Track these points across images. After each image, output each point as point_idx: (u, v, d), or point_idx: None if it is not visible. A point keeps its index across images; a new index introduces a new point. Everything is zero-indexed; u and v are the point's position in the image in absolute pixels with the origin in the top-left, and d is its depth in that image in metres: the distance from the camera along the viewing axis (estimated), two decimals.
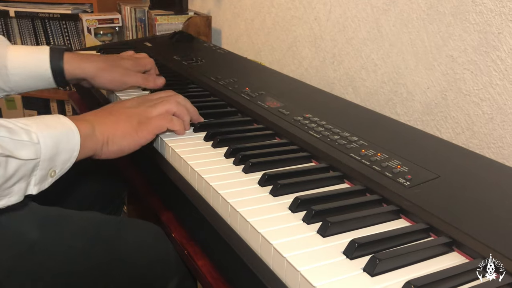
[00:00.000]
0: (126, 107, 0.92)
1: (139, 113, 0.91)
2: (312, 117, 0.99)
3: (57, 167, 0.76)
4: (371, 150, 0.85)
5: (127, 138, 0.87)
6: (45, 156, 0.72)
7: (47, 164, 0.74)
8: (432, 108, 1.21)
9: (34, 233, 0.80)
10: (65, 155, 0.77)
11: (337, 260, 0.59)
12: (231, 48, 2.09)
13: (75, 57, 1.13)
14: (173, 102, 0.94)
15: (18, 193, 0.71)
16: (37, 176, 0.73)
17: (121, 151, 0.88)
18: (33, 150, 0.70)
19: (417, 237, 0.66)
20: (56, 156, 0.75)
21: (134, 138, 0.88)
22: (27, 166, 0.70)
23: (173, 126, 0.93)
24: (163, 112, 0.92)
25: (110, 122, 0.87)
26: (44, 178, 0.75)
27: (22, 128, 0.70)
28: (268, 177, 0.77)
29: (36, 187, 0.74)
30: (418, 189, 0.74)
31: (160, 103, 0.94)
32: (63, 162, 0.77)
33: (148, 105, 0.93)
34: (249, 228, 0.66)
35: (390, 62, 1.32)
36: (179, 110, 0.95)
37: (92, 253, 0.86)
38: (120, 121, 0.88)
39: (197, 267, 0.76)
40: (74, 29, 2.84)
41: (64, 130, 0.76)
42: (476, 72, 1.09)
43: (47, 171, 0.74)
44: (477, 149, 1.11)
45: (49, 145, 0.73)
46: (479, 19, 1.07)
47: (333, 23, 1.51)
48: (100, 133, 0.84)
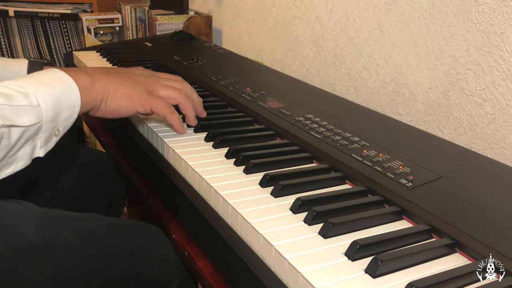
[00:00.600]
0: (134, 73, 0.92)
1: (146, 82, 0.90)
2: (313, 118, 0.99)
3: (60, 126, 0.76)
4: (373, 151, 0.85)
5: (127, 100, 0.86)
6: (47, 118, 0.71)
7: (50, 125, 0.73)
8: (434, 109, 1.21)
9: (33, 234, 0.80)
10: (67, 113, 0.76)
11: (339, 261, 0.59)
12: (232, 48, 2.09)
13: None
14: (182, 93, 0.93)
15: (24, 158, 0.71)
16: (41, 138, 0.72)
17: (117, 111, 0.87)
18: (35, 114, 0.69)
19: (419, 238, 0.66)
20: (58, 116, 0.74)
21: (134, 103, 0.87)
22: (30, 130, 0.69)
23: (172, 120, 0.91)
24: (169, 96, 0.91)
25: (113, 80, 0.85)
26: (49, 138, 0.74)
27: (19, 92, 0.69)
28: (269, 178, 0.77)
29: (42, 149, 0.73)
30: (420, 190, 0.74)
31: (169, 87, 0.92)
32: (65, 120, 0.76)
33: (157, 81, 0.92)
34: (250, 229, 0.66)
35: (392, 62, 1.32)
36: (184, 103, 0.94)
37: (91, 254, 0.86)
38: (124, 82, 0.87)
39: (198, 269, 0.76)
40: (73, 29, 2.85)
41: (62, 87, 0.75)
42: (478, 72, 1.09)
43: (50, 131, 0.74)
44: (480, 149, 1.11)
45: (50, 106, 0.72)
46: (481, 19, 1.07)
47: (334, 22, 1.51)
48: (101, 87, 0.83)
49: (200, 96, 1.18)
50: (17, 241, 0.78)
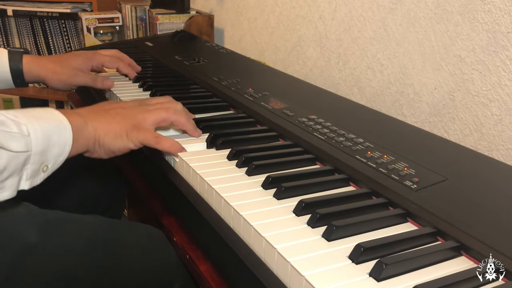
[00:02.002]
0: (122, 107, 0.93)
1: (134, 116, 0.91)
2: (317, 119, 0.99)
3: (49, 162, 0.76)
4: (377, 152, 0.85)
5: (118, 140, 0.87)
6: (36, 149, 0.72)
7: (39, 158, 0.73)
8: (440, 109, 1.21)
9: (33, 236, 0.80)
10: (57, 149, 0.76)
11: (343, 264, 0.59)
12: (234, 47, 2.09)
13: (32, 59, 1.18)
14: (171, 111, 0.93)
15: (11, 188, 0.71)
16: (28, 170, 0.73)
17: (111, 152, 0.88)
18: (24, 142, 0.70)
19: (424, 241, 0.66)
20: (48, 150, 0.75)
21: (124, 142, 0.88)
22: (18, 159, 0.70)
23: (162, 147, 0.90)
24: (158, 120, 0.92)
25: (104, 120, 0.87)
26: (36, 172, 0.75)
27: (12, 120, 0.70)
28: (272, 179, 0.77)
29: (28, 181, 0.74)
30: (425, 192, 0.74)
31: (157, 110, 0.93)
32: (55, 157, 0.77)
33: (145, 109, 0.93)
34: (253, 232, 0.66)
35: (397, 62, 1.32)
36: (177, 120, 0.94)
37: (91, 256, 0.87)
38: (114, 121, 0.88)
39: (199, 272, 0.76)
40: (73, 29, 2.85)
41: (55, 123, 0.76)
42: (484, 73, 1.09)
43: (39, 165, 0.74)
44: (486, 151, 1.11)
45: (40, 138, 0.72)
46: (487, 18, 1.07)
47: (338, 22, 1.51)
48: (93, 129, 0.84)
49: (202, 97, 1.19)
50: (17, 242, 0.79)
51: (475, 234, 0.64)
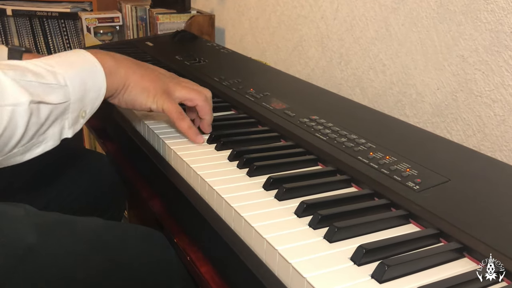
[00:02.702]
0: (157, 70, 0.94)
1: (166, 82, 0.92)
2: (318, 119, 0.99)
3: (87, 107, 0.77)
4: (379, 153, 0.86)
5: (144, 95, 0.88)
6: (74, 98, 0.73)
7: (77, 105, 0.75)
8: (442, 110, 1.21)
9: (32, 238, 0.80)
10: (93, 94, 0.78)
11: (344, 266, 0.59)
12: (235, 47, 2.10)
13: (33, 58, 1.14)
14: (202, 96, 0.94)
15: (53, 137, 0.73)
16: (69, 118, 0.74)
17: (132, 103, 0.89)
18: (62, 93, 0.71)
19: (426, 243, 0.66)
20: (85, 96, 0.76)
21: (149, 99, 0.89)
22: (58, 109, 0.71)
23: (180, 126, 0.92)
24: (186, 97, 0.93)
25: (138, 71, 0.88)
26: (76, 119, 0.76)
27: (48, 71, 0.71)
28: (273, 180, 0.77)
29: (70, 130, 0.75)
30: (427, 193, 0.74)
31: (190, 88, 0.94)
32: (92, 101, 0.78)
33: (178, 82, 0.94)
34: (254, 233, 0.66)
35: (399, 62, 1.32)
36: (203, 106, 0.95)
37: (91, 259, 0.87)
38: (147, 76, 0.89)
39: (200, 274, 0.76)
40: (73, 28, 2.85)
41: (88, 67, 0.77)
42: (487, 73, 1.09)
43: (78, 112, 0.76)
44: (489, 152, 1.11)
45: (77, 86, 0.74)
46: (490, 18, 1.07)
47: (340, 22, 1.51)
48: (124, 74, 0.85)
49: None
50: (15, 245, 0.79)
51: (478, 235, 0.64)
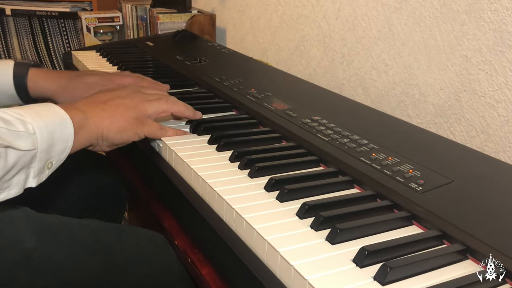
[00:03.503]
0: (120, 97, 0.93)
1: (135, 106, 0.92)
2: (320, 120, 0.99)
3: (54, 158, 0.78)
4: (382, 154, 0.86)
5: (122, 133, 0.89)
6: (42, 147, 0.74)
7: (44, 155, 0.75)
8: (446, 110, 1.21)
9: (31, 241, 0.80)
10: (60, 146, 0.78)
11: (347, 268, 0.59)
12: (236, 47, 2.10)
13: (39, 74, 1.13)
14: (170, 102, 0.96)
15: (18, 185, 0.73)
16: (35, 168, 0.74)
17: (115, 145, 0.91)
18: (30, 141, 0.71)
19: (429, 245, 0.66)
20: (52, 147, 0.76)
21: (129, 135, 0.90)
22: (25, 157, 0.71)
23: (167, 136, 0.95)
24: (159, 111, 0.94)
25: (106, 115, 0.88)
26: (42, 170, 0.76)
27: (17, 119, 0.72)
28: (275, 182, 0.77)
29: (35, 179, 0.75)
30: (430, 195, 0.74)
31: (157, 101, 0.95)
32: (59, 153, 0.78)
33: (144, 99, 0.94)
34: (255, 235, 0.66)
35: (402, 62, 1.32)
36: (177, 110, 0.97)
37: (91, 262, 0.87)
38: (116, 115, 0.89)
39: (201, 276, 0.76)
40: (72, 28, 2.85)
41: (57, 120, 0.77)
42: (491, 73, 1.09)
43: (44, 162, 0.76)
44: (493, 152, 1.11)
45: (45, 136, 0.74)
46: (494, 18, 1.07)
47: (342, 21, 1.51)
48: (94, 125, 0.85)
49: (203, 97, 1.19)
50: (15, 248, 0.79)
51: (481, 237, 0.64)
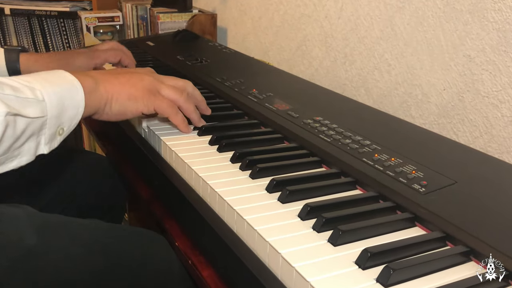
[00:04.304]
0: (137, 72, 0.94)
1: (150, 81, 0.92)
2: (322, 120, 0.99)
3: (65, 125, 0.78)
4: (385, 155, 0.86)
5: (131, 101, 0.88)
6: (51, 114, 0.74)
7: (55, 121, 0.75)
8: (449, 111, 1.21)
9: (32, 239, 0.81)
10: (71, 112, 0.78)
11: (349, 270, 0.59)
12: (238, 47, 2.10)
13: (30, 58, 1.15)
14: (184, 96, 0.95)
15: (29, 152, 0.73)
16: (46, 134, 0.74)
17: (123, 113, 0.89)
18: (39, 108, 0.72)
19: (433, 246, 0.66)
20: (62, 113, 0.76)
21: (138, 103, 0.89)
22: (35, 124, 0.71)
23: (175, 120, 0.94)
24: (170, 97, 0.93)
25: (117, 82, 0.88)
26: (53, 136, 0.76)
27: (25, 86, 0.72)
28: (277, 183, 0.77)
29: (46, 146, 0.76)
30: (434, 196, 0.74)
31: (172, 87, 0.94)
32: (69, 119, 0.78)
33: (160, 80, 0.94)
34: (257, 236, 0.66)
35: (405, 62, 1.32)
36: (186, 106, 0.96)
37: (91, 262, 0.87)
38: (127, 83, 0.89)
39: (202, 278, 0.76)
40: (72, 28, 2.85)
41: (67, 86, 0.78)
42: (495, 73, 1.09)
43: (55, 128, 0.76)
44: (496, 153, 1.11)
45: (55, 102, 0.74)
46: (498, 17, 1.07)
47: (344, 21, 1.51)
48: (104, 90, 0.85)
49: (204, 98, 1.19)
50: (15, 246, 0.79)
51: (485, 238, 0.64)
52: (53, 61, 1.18)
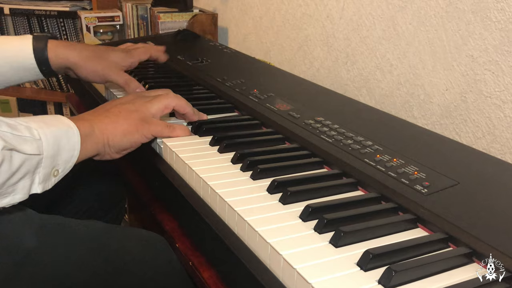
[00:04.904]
0: (122, 103, 0.94)
1: (137, 109, 0.92)
2: (324, 121, 1.00)
3: (60, 166, 0.78)
4: (387, 156, 0.86)
5: (128, 137, 0.90)
6: (47, 153, 0.74)
7: (50, 162, 0.75)
8: (451, 111, 1.21)
9: (31, 241, 0.81)
10: (67, 154, 0.79)
11: (351, 271, 0.59)
12: (239, 47, 2.10)
13: (59, 44, 1.13)
14: (171, 96, 0.97)
15: (23, 191, 0.73)
16: (41, 174, 0.75)
17: (123, 149, 0.91)
18: (36, 146, 0.72)
19: (435, 248, 0.66)
20: (58, 155, 0.77)
21: (135, 137, 0.91)
22: (31, 161, 0.72)
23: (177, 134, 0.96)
24: (161, 108, 0.95)
25: (109, 121, 0.88)
26: (48, 177, 0.77)
27: (22, 125, 0.72)
28: (278, 184, 0.77)
29: (40, 185, 0.75)
30: (436, 197, 0.74)
31: (156, 98, 0.95)
32: (65, 161, 0.79)
33: (145, 101, 0.95)
34: (258, 237, 0.66)
35: (407, 62, 1.32)
36: (179, 104, 0.98)
37: (91, 264, 0.87)
38: (119, 119, 0.90)
39: (203, 279, 0.76)
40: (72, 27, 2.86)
41: (64, 128, 0.78)
42: (497, 73, 1.09)
43: (50, 169, 0.76)
44: (499, 154, 1.11)
45: (51, 142, 0.75)
46: (500, 17, 1.07)
47: (346, 21, 1.51)
48: (100, 132, 0.86)
49: (205, 98, 1.19)
50: (15, 248, 0.79)
51: (487, 240, 0.64)
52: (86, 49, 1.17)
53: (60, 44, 1.14)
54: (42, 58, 1.11)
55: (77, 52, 1.14)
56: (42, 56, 1.11)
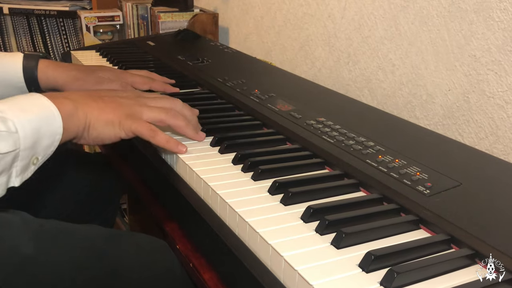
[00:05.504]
0: (119, 96, 0.91)
1: (130, 105, 0.89)
2: (325, 121, 1.00)
3: (39, 154, 0.75)
4: (389, 156, 0.86)
5: (109, 127, 0.85)
6: (25, 146, 0.71)
7: (28, 152, 0.72)
8: (454, 112, 1.21)
9: (28, 246, 0.80)
10: (47, 141, 0.75)
11: (352, 273, 0.59)
12: (239, 47, 2.10)
13: (50, 65, 1.12)
14: (171, 113, 0.91)
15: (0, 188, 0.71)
16: (18, 167, 0.72)
17: (101, 140, 0.86)
18: (12, 141, 0.69)
19: (437, 249, 0.66)
20: (37, 143, 0.73)
21: (115, 130, 0.86)
22: (6, 159, 0.69)
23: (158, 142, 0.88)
24: (156, 119, 0.89)
25: (96, 106, 0.85)
26: (26, 167, 0.74)
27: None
28: (279, 184, 0.77)
29: (18, 178, 0.73)
30: (438, 198, 0.74)
31: (156, 109, 0.90)
32: (45, 148, 0.75)
33: (143, 103, 0.91)
34: (259, 239, 0.66)
35: (409, 62, 1.32)
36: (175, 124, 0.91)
37: (90, 268, 0.86)
38: (107, 108, 0.86)
39: (203, 281, 0.76)
40: (72, 27, 2.86)
41: (44, 114, 0.74)
42: (500, 73, 1.09)
43: (28, 159, 0.73)
44: (502, 155, 1.11)
45: (29, 133, 0.71)
46: (503, 17, 1.07)
47: (348, 20, 1.51)
48: (83, 114, 0.82)
49: (205, 98, 1.19)
50: (12, 254, 0.78)
51: (490, 241, 0.64)
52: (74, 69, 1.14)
53: (50, 64, 1.12)
54: (31, 79, 1.10)
55: (65, 74, 1.12)
56: (31, 76, 1.10)
